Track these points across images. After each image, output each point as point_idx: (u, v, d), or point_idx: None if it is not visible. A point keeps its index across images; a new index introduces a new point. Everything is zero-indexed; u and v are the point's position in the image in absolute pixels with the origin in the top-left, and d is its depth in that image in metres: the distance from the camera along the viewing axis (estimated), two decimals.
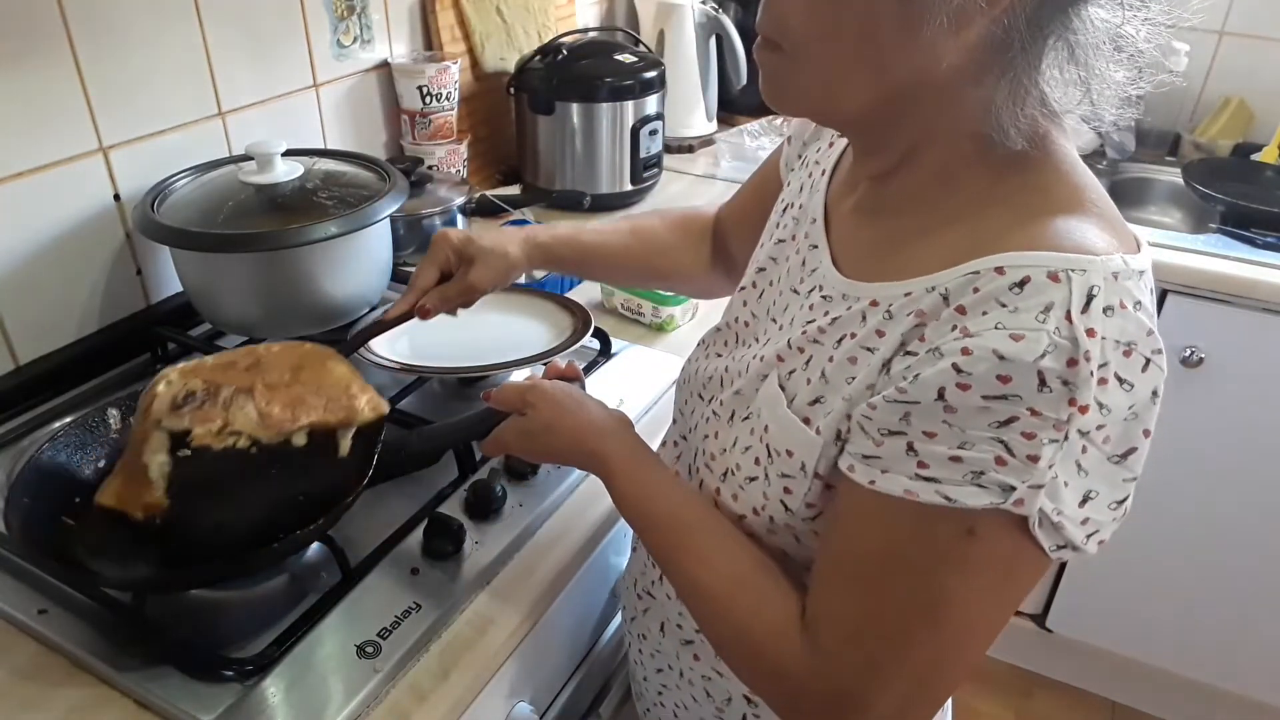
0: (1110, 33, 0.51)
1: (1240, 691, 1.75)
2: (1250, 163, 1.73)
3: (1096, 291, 0.48)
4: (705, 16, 1.76)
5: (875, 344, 0.56)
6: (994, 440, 0.48)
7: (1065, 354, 0.47)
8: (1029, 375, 0.47)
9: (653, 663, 0.80)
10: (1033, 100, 0.53)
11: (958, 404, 0.49)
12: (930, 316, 0.53)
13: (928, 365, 0.50)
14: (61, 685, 0.68)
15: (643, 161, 1.52)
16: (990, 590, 0.53)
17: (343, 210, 0.99)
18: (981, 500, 0.49)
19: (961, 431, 0.49)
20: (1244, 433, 1.54)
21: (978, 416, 0.49)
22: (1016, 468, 0.48)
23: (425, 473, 0.88)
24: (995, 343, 0.48)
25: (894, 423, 0.52)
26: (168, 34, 1.06)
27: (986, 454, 0.49)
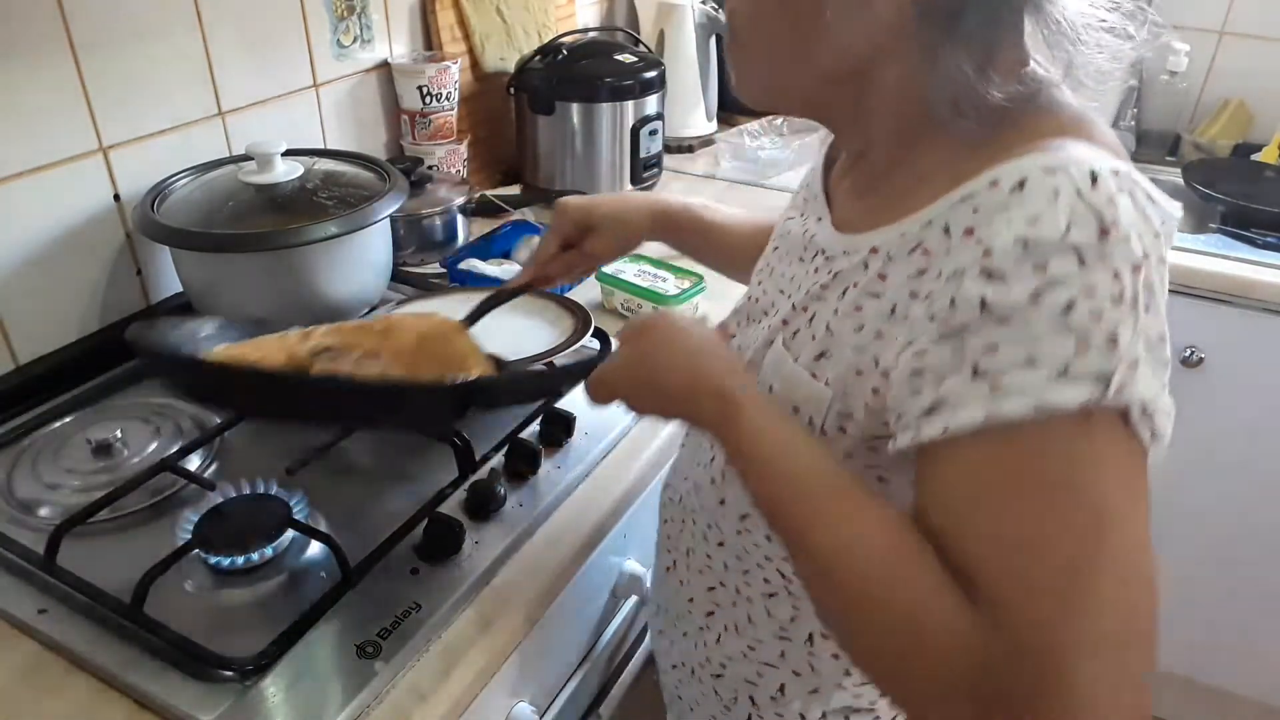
0: (1081, 14, 0.52)
1: (1242, 692, 1.75)
2: (1250, 163, 1.73)
3: (1099, 172, 0.46)
4: (705, 16, 1.76)
5: (879, 289, 0.55)
6: (1063, 330, 0.44)
7: (1092, 224, 0.44)
8: (1064, 255, 0.44)
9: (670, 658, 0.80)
10: (1001, 65, 0.52)
11: (1006, 306, 0.45)
12: (936, 251, 0.51)
13: (956, 288, 0.47)
14: (61, 685, 0.68)
15: (643, 161, 1.52)
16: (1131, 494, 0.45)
17: (343, 210, 0.99)
18: (1079, 395, 0.43)
19: (1025, 329, 0.44)
20: (1244, 433, 1.54)
21: (1034, 311, 0.44)
22: (1101, 351, 0.44)
23: (425, 472, 0.88)
24: (1015, 232, 0.45)
25: (947, 359, 0.47)
26: (168, 34, 1.06)
27: (1063, 346, 0.44)
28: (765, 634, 0.70)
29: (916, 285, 0.52)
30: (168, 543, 0.77)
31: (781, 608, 0.68)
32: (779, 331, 0.64)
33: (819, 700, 0.70)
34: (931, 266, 0.51)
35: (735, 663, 0.73)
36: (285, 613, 0.72)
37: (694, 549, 0.74)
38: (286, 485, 0.83)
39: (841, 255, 0.60)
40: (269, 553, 0.77)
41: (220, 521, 0.78)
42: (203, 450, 0.90)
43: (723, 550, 0.71)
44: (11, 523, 0.82)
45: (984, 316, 0.46)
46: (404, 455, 0.92)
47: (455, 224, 1.34)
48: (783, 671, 0.70)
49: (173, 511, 0.84)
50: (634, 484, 0.93)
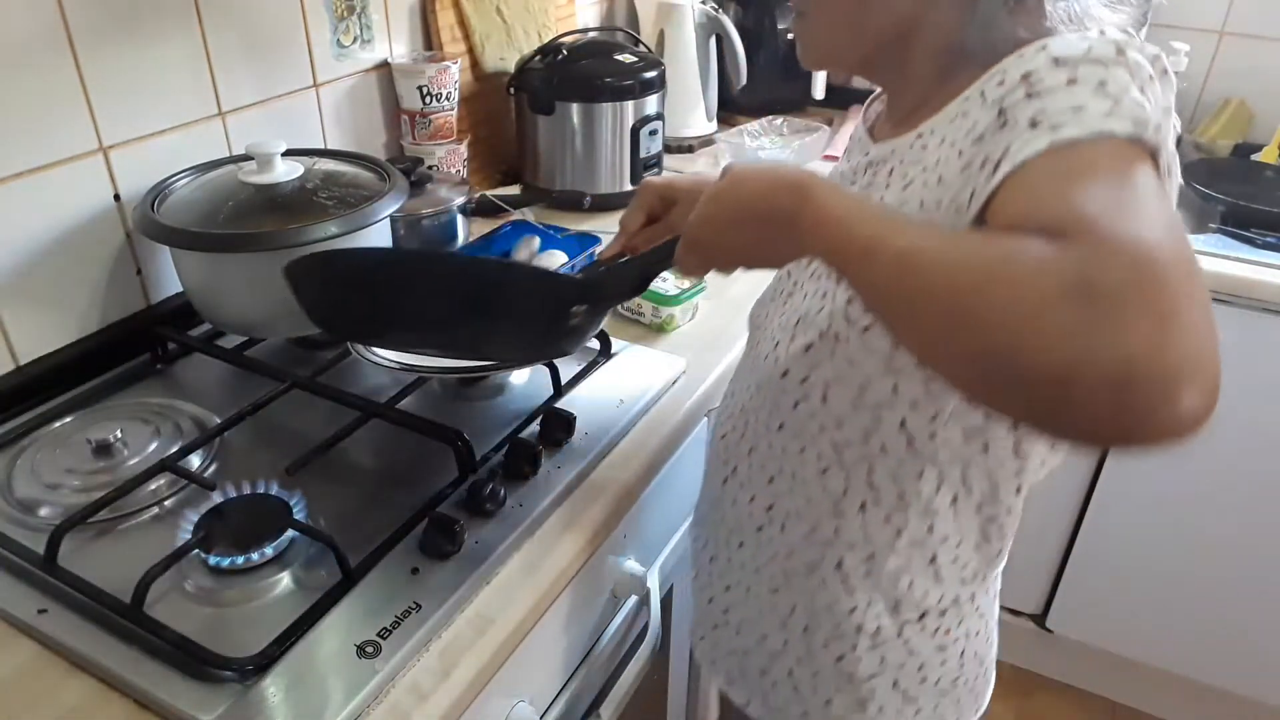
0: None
1: (1240, 692, 1.75)
2: (1250, 163, 1.73)
3: (1108, 30, 0.56)
4: (705, 16, 1.76)
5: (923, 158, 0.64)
6: (1101, 95, 0.51)
7: (1110, 47, 0.54)
8: (1091, 65, 0.53)
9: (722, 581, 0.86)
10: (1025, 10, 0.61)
11: (1046, 87, 0.53)
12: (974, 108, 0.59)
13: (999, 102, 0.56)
14: (61, 685, 0.68)
15: (643, 161, 1.52)
16: (1169, 209, 0.49)
17: (343, 210, 0.99)
18: (1125, 126, 0.50)
19: (1069, 95, 0.52)
20: (1244, 433, 1.54)
21: (1071, 90, 0.52)
22: (1133, 108, 0.51)
23: (425, 472, 0.88)
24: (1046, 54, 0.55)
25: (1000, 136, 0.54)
26: (168, 34, 1.06)
27: (1103, 103, 0.51)
28: (821, 512, 0.74)
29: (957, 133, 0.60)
30: (168, 543, 0.77)
31: (834, 481, 0.73)
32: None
33: (875, 567, 0.74)
34: (971, 114, 0.59)
35: (797, 552, 0.77)
36: (285, 613, 0.72)
37: (755, 446, 0.78)
38: (286, 485, 0.83)
39: (891, 155, 0.69)
40: (269, 553, 0.77)
41: (220, 521, 0.79)
42: (203, 450, 0.90)
43: (782, 434, 0.75)
44: (11, 523, 0.82)
45: (1029, 99, 0.53)
46: (404, 455, 0.92)
47: (455, 224, 1.33)
48: (838, 547, 0.75)
49: (173, 511, 0.84)
50: (634, 484, 0.93)
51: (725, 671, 0.89)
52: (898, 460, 0.69)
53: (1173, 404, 0.41)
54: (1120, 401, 0.41)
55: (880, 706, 0.79)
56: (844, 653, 0.78)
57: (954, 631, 0.78)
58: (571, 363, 1.03)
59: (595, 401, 0.99)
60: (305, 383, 0.98)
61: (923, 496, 0.70)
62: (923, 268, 0.49)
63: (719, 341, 1.14)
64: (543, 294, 0.75)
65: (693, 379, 1.06)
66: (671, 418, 1.00)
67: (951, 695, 0.81)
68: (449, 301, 0.73)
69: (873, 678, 0.78)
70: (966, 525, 0.73)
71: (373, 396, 0.96)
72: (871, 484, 0.71)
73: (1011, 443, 0.68)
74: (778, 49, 1.90)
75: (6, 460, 0.90)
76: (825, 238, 0.55)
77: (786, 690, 0.82)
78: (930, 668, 0.79)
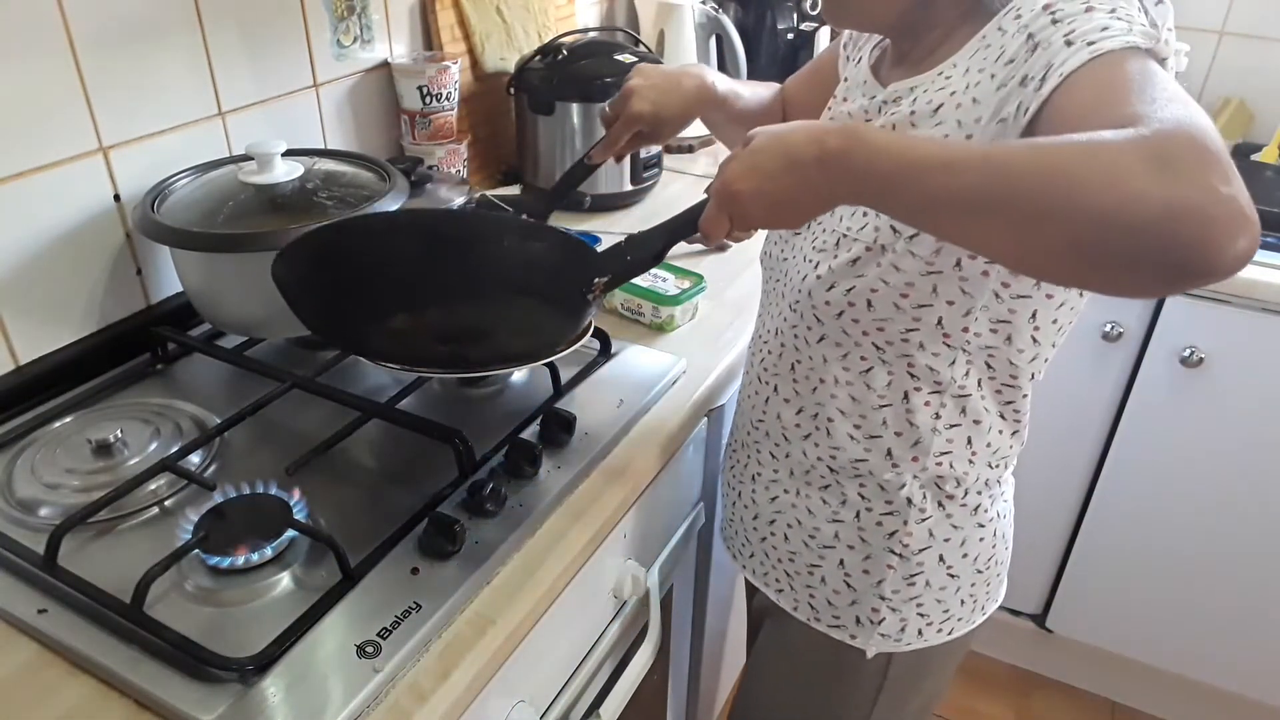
0: None
1: (1240, 691, 1.75)
2: (1250, 163, 1.73)
3: None
4: (705, 16, 1.76)
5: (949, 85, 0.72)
6: (1116, 18, 0.61)
7: None
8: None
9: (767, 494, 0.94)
10: None
11: (1068, 14, 0.63)
12: (1010, 46, 0.67)
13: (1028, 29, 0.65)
14: (61, 685, 0.68)
15: (643, 161, 1.52)
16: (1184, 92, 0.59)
17: (343, 210, 0.99)
18: (1144, 41, 0.60)
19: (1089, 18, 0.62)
20: (1244, 433, 1.54)
21: (1089, 16, 0.62)
22: (1144, 26, 0.62)
23: (425, 472, 0.88)
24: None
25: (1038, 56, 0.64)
26: (168, 34, 1.06)
27: (1120, 23, 0.61)
28: (867, 407, 0.82)
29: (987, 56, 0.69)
30: (168, 543, 0.77)
31: (879, 377, 0.81)
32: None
33: (921, 450, 0.82)
34: (995, 44, 0.69)
35: (846, 449, 0.85)
36: (285, 613, 0.72)
37: (798, 361, 0.85)
38: (286, 485, 0.83)
39: (910, 91, 0.76)
40: (269, 553, 0.77)
41: (220, 521, 0.78)
42: (203, 450, 0.90)
43: (824, 344, 0.83)
44: (11, 523, 0.82)
45: (1054, 27, 0.63)
46: (404, 455, 0.92)
47: None
48: (886, 437, 0.83)
49: (173, 511, 0.84)
50: (634, 484, 0.93)
51: (774, 581, 0.96)
52: (934, 353, 0.78)
53: (1236, 238, 0.50)
54: (1204, 235, 0.50)
55: (927, 581, 0.87)
56: (896, 529, 0.86)
57: (989, 510, 0.87)
58: (571, 363, 1.03)
59: (595, 401, 0.99)
60: (305, 383, 0.98)
61: (956, 382, 0.79)
62: (1013, 165, 0.55)
63: (719, 341, 1.14)
64: (570, 254, 0.75)
65: (693, 379, 1.06)
66: (672, 418, 1.00)
67: (984, 577, 0.90)
68: (454, 266, 0.73)
69: (923, 551, 0.86)
70: (992, 408, 0.82)
71: (373, 396, 0.96)
72: (912, 374, 0.79)
73: (1029, 332, 0.77)
74: (778, 49, 1.90)
75: (6, 460, 0.90)
76: (885, 169, 0.59)
77: (837, 581, 0.89)
78: (970, 543, 0.87)
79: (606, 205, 1.52)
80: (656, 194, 1.60)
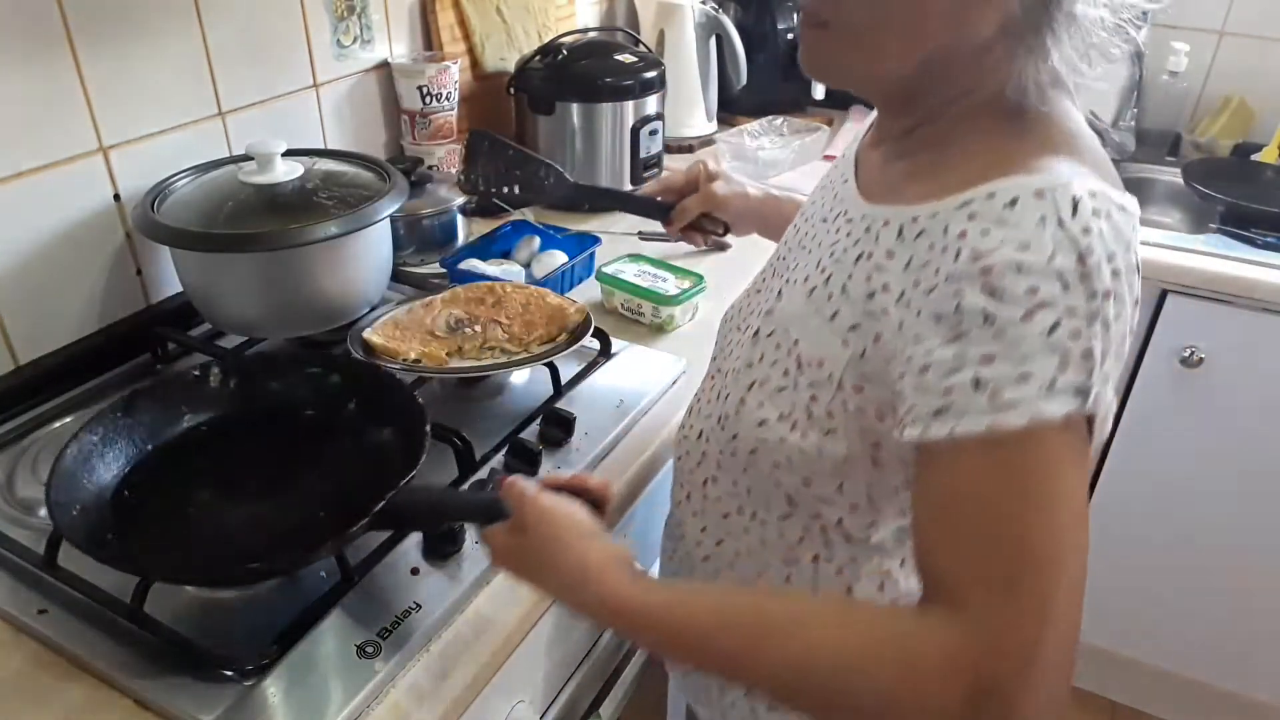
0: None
1: (1240, 691, 1.75)
2: (1250, 163, 1.73)
3: (1080, 197, 0.54)
4: (705, 16, 1.76)
5: (886, 265, 0.61)
6: (1049, 349, 0.52)
7: (1072, 252, 0.52)
8: (1050, 279, 0.52)
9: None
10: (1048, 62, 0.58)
11: (1003, 321, 0.52)
12: (936, 245, 0.57)
13: (959, 296, 0.54)
14: (61, 685, 0.68)
15: (643, 161, 1.52)
16: (1083, 482, 0.54)
17: (343, 210, 0.99)
18: (1063, 409, 0.51)
19: (1018, 346, 0.52)
20: (1243, 433, 1.53)
21: (1026, 329, 0.52)
22: (1079, 368, 0.52)
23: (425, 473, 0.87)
24: (1008, 255, 0.53)
25: (949, 362, 0.54)
26: (168, 34, 1.06)
27: (1048, 364, 0.52)
28: (773, 558, 0.73)
29: (920, 275, 0.58)
30: None
31: (793, 529, 0.72)
32: (802, 286, 0.69)
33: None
34: (932, 261, 0.57)
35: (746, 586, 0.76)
36: (285, 613, 0.72)
37: (713, 478, 0.76)
38: None
39: (860, 220, 0.66)
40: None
41: None
42: None
43: (746, 476, 0.73)
44: (11, 523, 0.82)
45: (984, 328, 0.53)
46: None
47: (455, 224, 1.34)
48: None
49: None
50: (634, 484, 0.93)
51: (692, 690, 0.88)
52: (851, 518, 0.69)
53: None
54: None
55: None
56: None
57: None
58: (571, 363, 1.03)
59: (595, 401, 0.99)
60: None
61: (874, 546, 0.70)
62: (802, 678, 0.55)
63: None
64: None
65: (693, 379, 1.06)
66: (672, 418, 1.00)
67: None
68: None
69: None
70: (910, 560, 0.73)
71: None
72: (826, 540, 0.71)
73: None
74: (778, 49, 1.90)
75: (7, 460, 0.90)
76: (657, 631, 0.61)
77: (744, 709, 0.80)
78: None
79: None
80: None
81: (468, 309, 1.03)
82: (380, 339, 0.97)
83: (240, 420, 0.88)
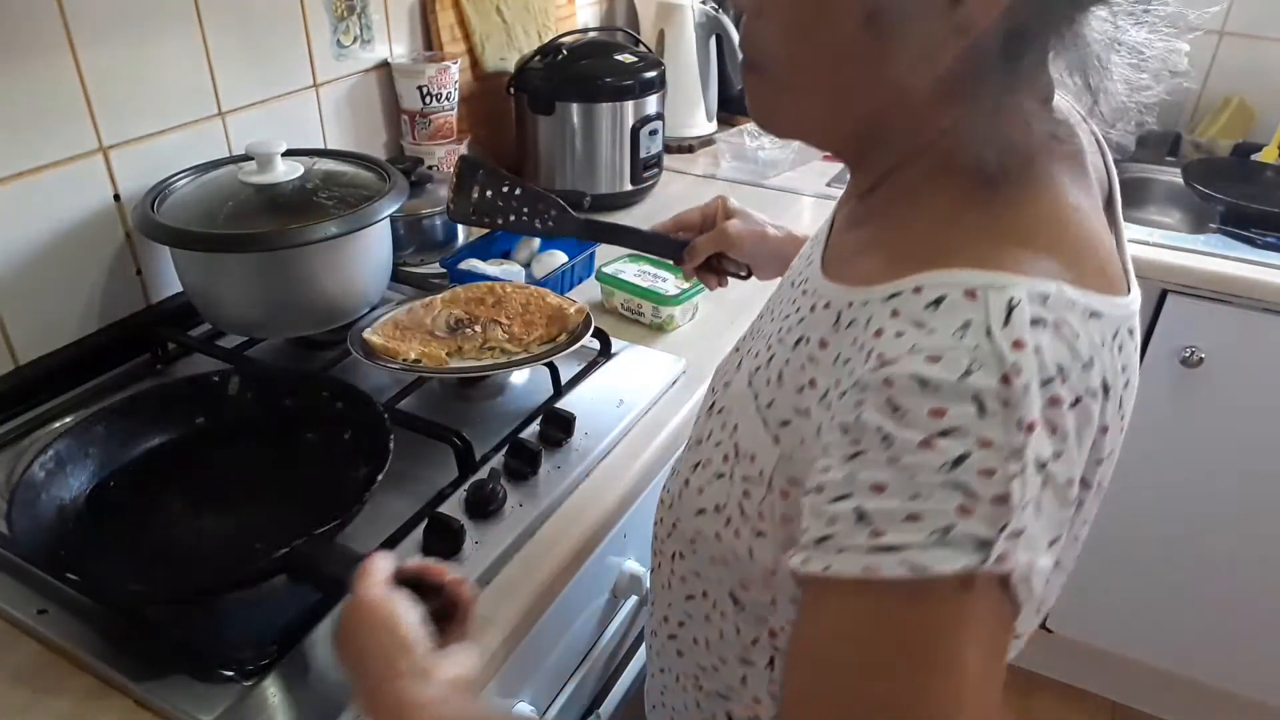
0: (1107, 44, 0.50)
1: (1240, 691, 1.75)
2: (1250, 163, 1.73)
3: (1017, 303, 0.44)
4: (705, 16, 1.76)
5: (818, 357, 0.53)
6: (951, 486, 0.42)
7: (994, 370, 0.42)
8: (961, 401, 0.42)
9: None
10: (1017, 122, 0.50)
11: (899, 446, 0.43)
12: (858, 341, 0.49)
13: (860, 409, 0.45)
14: (61, 685, 0.68)
15: (643, 161, 1.52)
16: (990, 654, 0.44)
17: (343, 210, 0.99)
18: (956, 564, 0.41)
19: (910, 479, 0.42)
20: (1243, 433, 1.53)
21: (923, 458, 0.42)
22: (986, 515, 0.41)
23: (425, 472, 0.88)
24: (912, 367, 0.44)
25: (840, 485, 0.45)
26: (168, 34, 1.06)
27: (947, 504, 0.42)
28: (730, 653, 0.65)
29: (840, 374, 0.50)
30: None
31: (746, 629, 0.63)
32: (750, 362, 0.62)
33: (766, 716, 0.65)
34: (852, 360, 0.49)
35: (708, 675, 0.68)
36: (285, 613, 0.72)
37: (682, 553, 0.68)
38: None
39: (810, 295, 0.58)
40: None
41: None
42: None
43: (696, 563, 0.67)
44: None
45: (880, 450, 0.44)
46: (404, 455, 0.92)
47: (455, 224, 1.34)
48: (741, 696, 0.66)
49: None
50: (634, 484, 0.93)
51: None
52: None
53: None
54: None
55: None
56: None
57: None
58: (571, 363, 1.03)
59: (595, 401, 0.99)
60: None
61: None
62: None
63: (719, 341, 1.14)
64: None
65: (693, 379, 1.06)
66: (671, 418, 1.00)
67: None
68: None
69: None
70: None
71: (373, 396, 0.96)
72: (776, 647, 0.62)
73: None
74: None
75: (7, 460, 0.90)
76: None
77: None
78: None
79: (607, 205, 1.52)
80: (657, 194, 1.60)
81: (468, 309, 1.03)
82: (380, 339, 0.97)
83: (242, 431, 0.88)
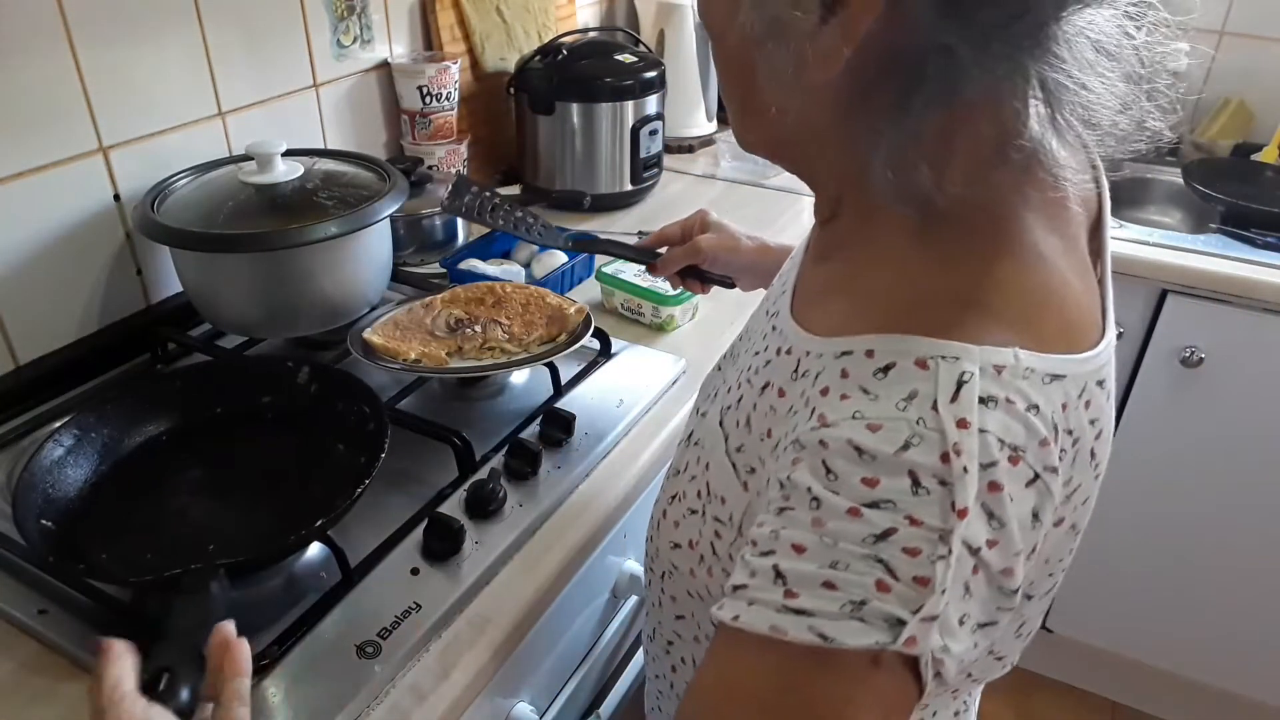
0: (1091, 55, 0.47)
1: (1240, 691, 1.75)
2: (1250, 163, 1.73)
3: (968, 378, 0.42)
4: None
5: (777, 406, 0.52)
6: (871, 559, 0.41)
7: (934, 448, 0.41)
8: (897, 475, 0.41)
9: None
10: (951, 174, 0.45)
11: (827, 510, 0.42)
12: (806, 394, 0.48)
13: (794, 466, 0.44)
14: (61, 685, 0.68)
15: (643, 161, 1.52)
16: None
17: (343, 210, 0.99)
18: (865, 639, 0.40)
19: (833, 546, 0.41)
20: (1243, 433, 1.54)
21: (849, 527, 0.41)
22: (903, 594, 0.40)
23: (425, 472, 0.88)
24: (851, 433, 0.43)
25: (765, 539, 0.44)
26: (168, 34, 1.06)
27: (865, 577, 0.40)
28: None
29: (788, 426, 0.49)
30: None
31: None
32: (723, 399, 0.60)
33: None
34: (799, 413, 0.48)
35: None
36: (285, 613, 0.72)
37: (669, 573, 0.67)
38: None
39: (778, 333, 0.56)
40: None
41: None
42: None
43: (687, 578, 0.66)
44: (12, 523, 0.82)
45: (807, 509, 0.43)
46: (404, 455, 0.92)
47: (455, 224, 1.34)
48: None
49: None
50: (634, 484, 0.93)
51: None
52: None
53: None
54: None
55: None
56: None
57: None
58: (571, 362, 1.03)
59: (595, 401, 0.99)
60: None
61: None
62: None
63: (719, 341, 1.14)
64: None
65: (693, 379, 1.06)
66: (671, 418, 1.00)
67: None
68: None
69: None
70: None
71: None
72: None
73: None
74: None
75: (7, 460, 0.90)
76: None
77: None
78: None
79: (606, 205, 1.52)
80: (657, 194, 1.60)
81: (468, 309, 1.03)
82: (380, 339, 0.97)
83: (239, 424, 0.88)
